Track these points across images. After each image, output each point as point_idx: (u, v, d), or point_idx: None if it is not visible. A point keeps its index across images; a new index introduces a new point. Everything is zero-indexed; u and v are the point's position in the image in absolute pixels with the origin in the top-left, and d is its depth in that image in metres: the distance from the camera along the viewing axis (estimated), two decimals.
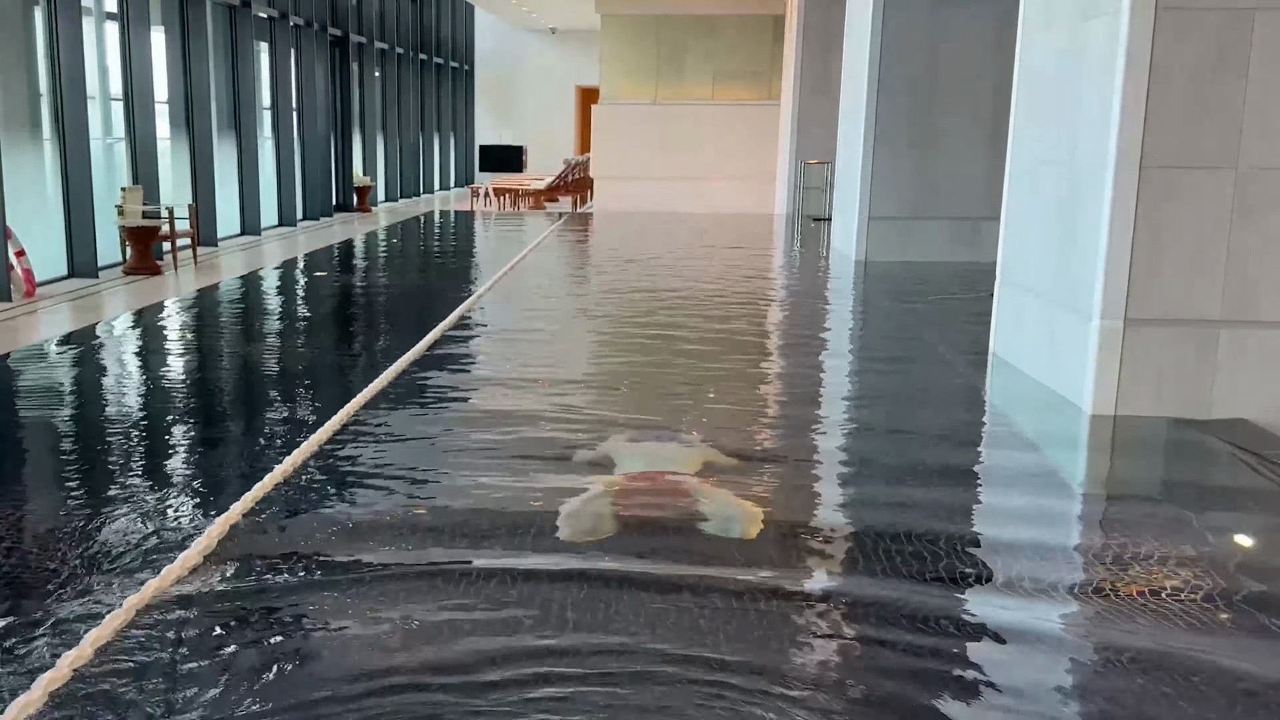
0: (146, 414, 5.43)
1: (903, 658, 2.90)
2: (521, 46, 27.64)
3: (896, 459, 4.77)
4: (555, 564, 3.43)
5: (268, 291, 10.18)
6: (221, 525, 3.67)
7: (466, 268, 12.37)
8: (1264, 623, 3.16)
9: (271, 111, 15.64)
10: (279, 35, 15.49)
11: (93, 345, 7.37)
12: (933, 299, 9.11)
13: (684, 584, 3.30)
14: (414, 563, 3.44)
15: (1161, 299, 5.30)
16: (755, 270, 11.52)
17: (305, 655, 2.89)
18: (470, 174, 26.88)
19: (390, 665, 2.80)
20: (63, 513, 3.90)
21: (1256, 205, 5.20)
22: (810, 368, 6.89)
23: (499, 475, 4.32)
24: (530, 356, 6.84)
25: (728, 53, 19.39)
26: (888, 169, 11.25)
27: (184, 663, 2.81)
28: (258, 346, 7.33)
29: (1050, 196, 6.10)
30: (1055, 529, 4.02)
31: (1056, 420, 5.48)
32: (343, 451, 4.63)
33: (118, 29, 11.10)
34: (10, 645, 2.89)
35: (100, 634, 2.90)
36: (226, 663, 2.81)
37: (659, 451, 4.70)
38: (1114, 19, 5.24)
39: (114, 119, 11.31)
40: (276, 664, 2.81)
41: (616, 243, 14.71)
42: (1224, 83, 5.13)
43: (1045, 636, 3.06)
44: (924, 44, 10.94)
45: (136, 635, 2.94)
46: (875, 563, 3.52)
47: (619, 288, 9.90)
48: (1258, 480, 4.59)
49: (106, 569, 3.38)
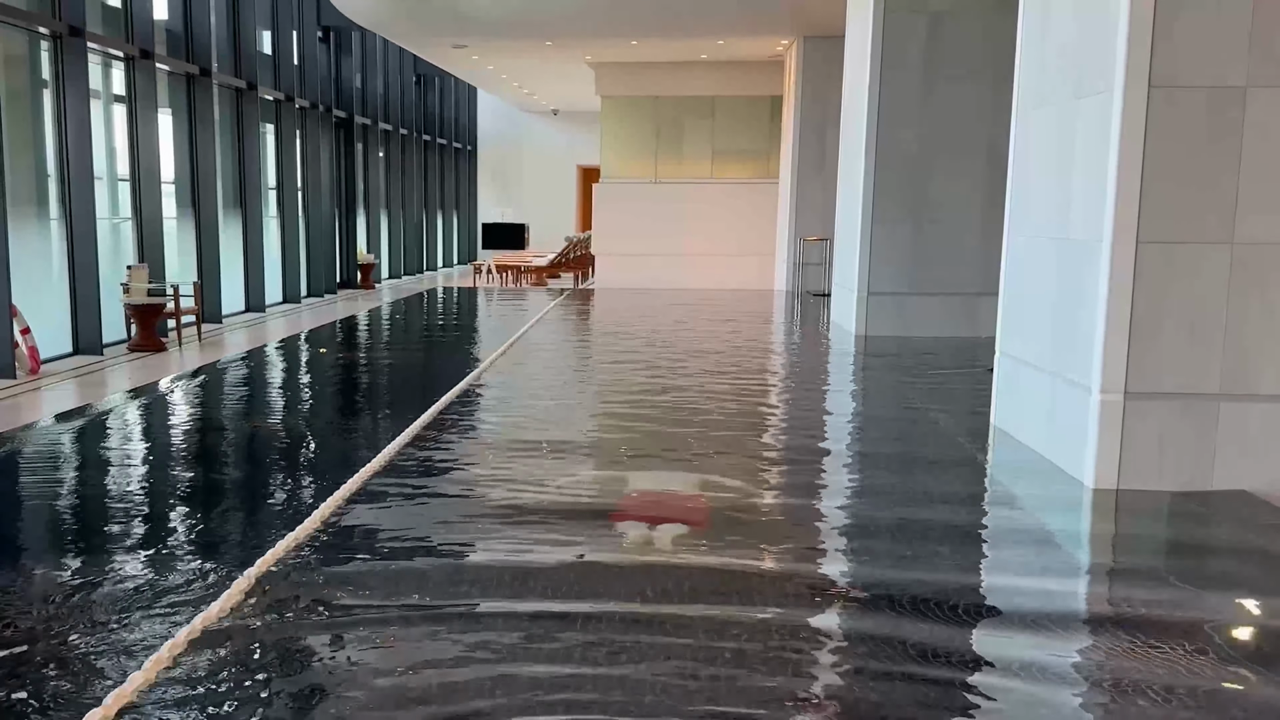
0: (144, 489, 5.42)
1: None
2: (523, 127, 28.04)
3: (896, 533, 4.74)
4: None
5: (271, 367, 10.21)
6: (212, 613, 3.58)
7: (470, 343, 12.42)
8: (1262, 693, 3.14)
9: (276, 190, 15.84)
10: (284, 117, 15.74)
11: (96, 421, 7.38)
12: (932, 372, 9.14)
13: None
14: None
15: (1161, 372, 5.32)
16: (757, 343, 11.56)
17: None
18: (473, 251, 27.13)
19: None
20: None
21: (1253, 279, 5.25)
22: (811, 436, 6.90)
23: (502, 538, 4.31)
24: (532, 427, 6.84)
25: (726, 132, 19.67)
26: (886, 244, 11.36)
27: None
28: (260, 421, 7.34)
29: (1048, 271, 6.16)
30: (1056, 602, 3.99)
31: (1058, 494, 5.46)
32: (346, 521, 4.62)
33: (125, 111, 11.29)
34: None
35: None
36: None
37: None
38: (1106, 97, 5.34)
39: (120, 198, 11.46)
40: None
41: (618, 317, 14.78)
42: (1218, 159, 5.20)
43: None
44: (919, 120, 11.12)
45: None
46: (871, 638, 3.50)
47: (622, 360, 9.93)
48: (1257, 553, 4.58)
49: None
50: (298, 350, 11.31)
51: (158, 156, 11.70)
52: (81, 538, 4.68)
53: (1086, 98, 5.62)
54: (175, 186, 12.59)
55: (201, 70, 12.74)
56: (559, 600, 3.76)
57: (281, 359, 10.73)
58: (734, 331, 12.30)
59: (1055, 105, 6.11)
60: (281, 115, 15.71)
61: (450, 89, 25.19)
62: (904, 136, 11.16)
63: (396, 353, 11.32)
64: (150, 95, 11.51)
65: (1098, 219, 5.40)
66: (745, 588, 3.96)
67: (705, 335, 11.99)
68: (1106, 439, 5.36)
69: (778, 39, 16.85)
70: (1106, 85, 5.34)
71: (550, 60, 18.94)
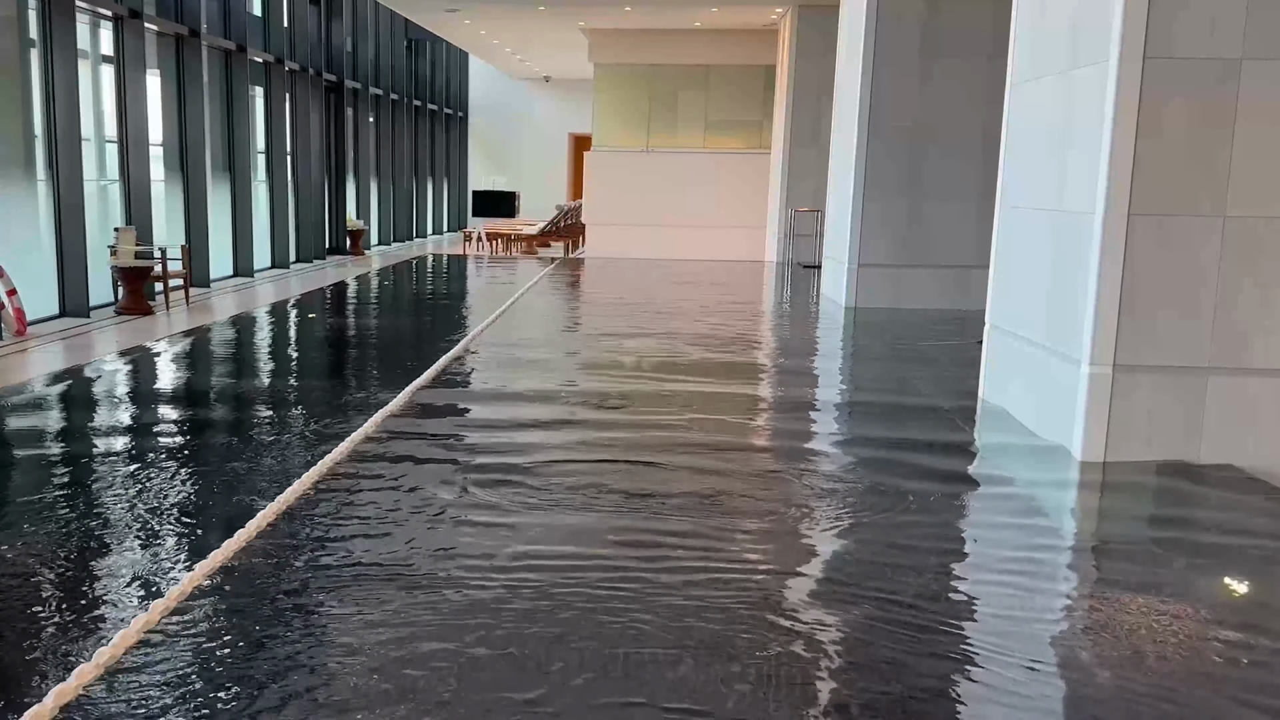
0: (129, 452, 5.40)
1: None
2: (515, 94, 27.88)
3: (882, 503, 4.75)
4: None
5: (259, 332, 10.18)
6: (195, 577, 3.57)
7: (458, 311, 12.38)
8: (1245, 663, 3.16)
9: (265, 155, 15.73)
10: (274, 80, 15.62)
11: (81, 383, 7.35)
12: (921, 345, 9.14)
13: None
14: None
15: (1150, 345, 5.33)
16: (746, 314, 11.55)
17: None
18: (463, 218, 27.03)
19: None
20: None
21: (1244, 252, 5.25)
22: (802, 405, 6.91)
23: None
24: (522, 392, 6.83)
25: (720, 102, 19.58)
26: (877, 216, 11.33)
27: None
28: (247, 385, 7.32)
29: (1039, 243, 6.16)
30: (1041, 575, 4.01)
31: (1046, 466, 5.49)
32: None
33: (113, 72, 11.18)
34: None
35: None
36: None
37: None
38: (1102, 68, 5.31)
39: (109, 161, 11.36)
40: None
41: (608, 287, 14.75)
42: (1212, 131, 5.19)
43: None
44: (913, 92, 11.07)
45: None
46: (860, 603, 3.52)
47: (611, 330, 9.91)
48: (1241, 526, 4.60)
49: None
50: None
51: (146, 118, 11.60)
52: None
53: (1082, 68, 5.60)
54: (163, 149, 12.49)
55: (191, 31, 12.62)
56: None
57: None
58: (723, 301, 12.28)
59: (1050, 76, 6.08)
60: (271, 78, 15.59)
61: (442, 55, 25.02)
62: (898, 107, 11.11)
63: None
64: (139, 56, 11.40)
65: (1090, 191, 5.39)
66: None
67: (693, 306, 11.93)
68: (1095, 411, 5.37)
69: (771, 8, 16.74)
70: (1102, 56, 5.32)
71: (543, 26, 18.80)
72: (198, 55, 12.76)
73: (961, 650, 3.23)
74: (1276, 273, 5.27)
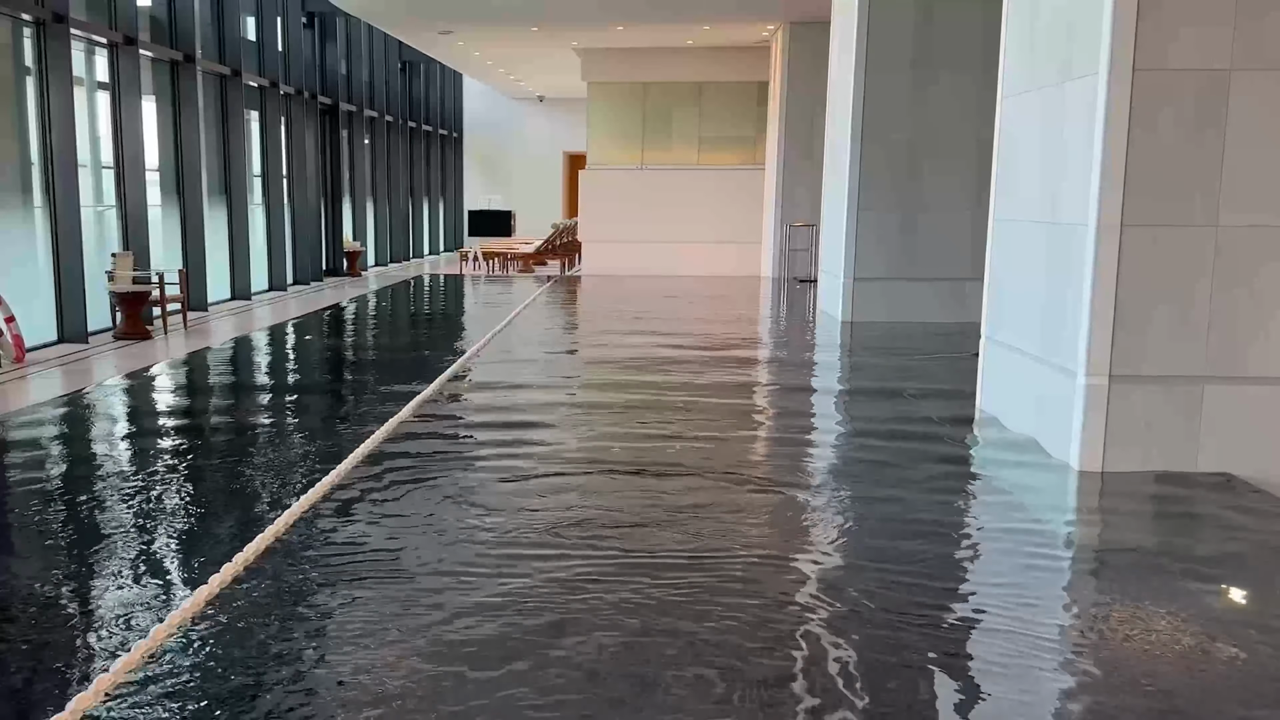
0: (127, 477, 5.40)
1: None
2: (510, 113, 27.95)
3: (883, 514, 4.77)
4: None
5: (256, 354, 10.19)
6: (197, 601, 3.58)
7: (455, 330, 12.39)
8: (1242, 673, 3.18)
9: (262, 178, 15.76)
10: (269, 104, 15.66)
11: (81, 408, 7.35)
12: (918, 357, 9.16)
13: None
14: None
15: (1146, 355, 5.35)
16: (743, 329, 11.57)
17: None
18: (460, 238, 27.06)
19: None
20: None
21: (1238, 262, 5.28)
22: (802, 418, 6.92)
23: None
24: (517, 415, 6.84)
25: (713, 118, 19.66)
26: (872, 230, 11.38)
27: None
28: (245, 408, 7.32)
29: (1033, 255, 6.19)
30: (1041, 583, 4.02)
31: (1044, 477, 5.50)
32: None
33: (109, 98, 11.22)
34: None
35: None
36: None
37: None
38: (1091, 81, 5.35)
39: (105, 186, 11.39)
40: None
41: (605, 304, 14.78)
42: (1203, 141, 5.23)
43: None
44: (906, 107, 11.13)
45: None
46: (860, 611, 3.53)
47: (610, 345, 9.93)
48: (1240, 535, 4.61)
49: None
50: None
51: (142, 143, 11.63)
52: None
53: (1073, 81, 5.64)
54: (160, 174, 12.52)
55: (185, 56, 12.66)
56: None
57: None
58: (720, 316, 12.30)
59: (1041, 89, 6.13)
60: (266, 102, 15.63)
61: (436, 76, 25.09)
62: (891, 122, 11.16)
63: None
64: (134, 82, 11.44)
65: (1083, 203, 5.42)
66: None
67: (689, 322, 11.96)
68: (1091, 422, 5.39)
69: (763, 24, 16.82)
70: (1092, 69, 5.35)
71: (536, 46, 18.87)
72: (193, 80, 12.80)
73: (961, 664, 3.25)
74: (1270, 281, 5.30)
